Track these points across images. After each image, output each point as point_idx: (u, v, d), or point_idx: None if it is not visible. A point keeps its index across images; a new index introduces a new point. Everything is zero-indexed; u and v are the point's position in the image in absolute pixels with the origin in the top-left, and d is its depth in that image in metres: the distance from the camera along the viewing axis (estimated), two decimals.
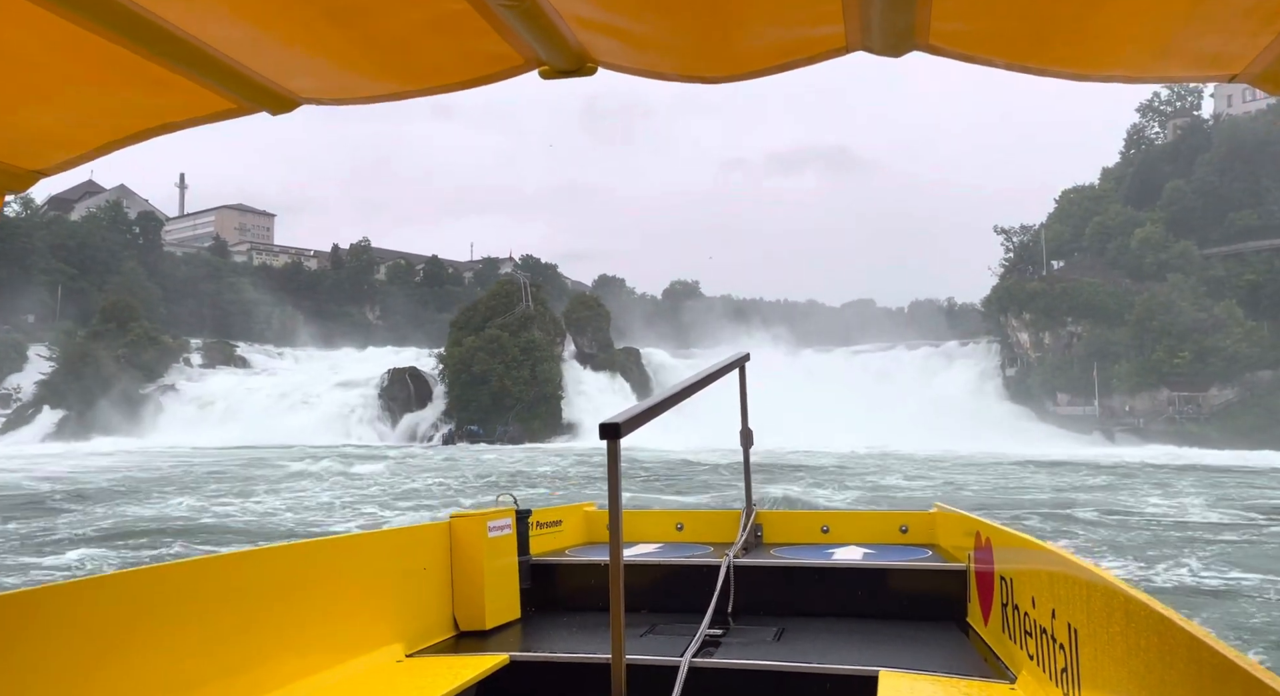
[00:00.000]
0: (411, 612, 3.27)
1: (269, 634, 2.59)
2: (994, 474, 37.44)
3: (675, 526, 4.79)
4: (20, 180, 1.75)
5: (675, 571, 3.92)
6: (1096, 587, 1.93)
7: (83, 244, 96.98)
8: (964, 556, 3.56)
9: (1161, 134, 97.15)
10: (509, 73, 1.59)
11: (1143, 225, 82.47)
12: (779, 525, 4.63)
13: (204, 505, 24.00)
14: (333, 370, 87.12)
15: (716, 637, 3.22)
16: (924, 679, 2.63)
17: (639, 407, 2.42)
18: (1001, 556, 3.00)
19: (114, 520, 20.31)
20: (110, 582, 2.21)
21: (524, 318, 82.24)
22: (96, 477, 33.46)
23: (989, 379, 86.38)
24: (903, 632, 3.27)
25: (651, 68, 1.63)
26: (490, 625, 3.51)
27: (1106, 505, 24.35)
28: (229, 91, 1.59)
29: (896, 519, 4.52)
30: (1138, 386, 75.27)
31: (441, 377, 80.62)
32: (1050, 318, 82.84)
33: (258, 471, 36.74)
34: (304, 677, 2.66)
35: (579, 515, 4.88)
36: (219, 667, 2.40)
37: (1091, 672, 1.96)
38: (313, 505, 24.21)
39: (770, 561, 3.90)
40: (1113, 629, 1.79)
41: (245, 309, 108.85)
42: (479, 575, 3.51)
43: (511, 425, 75.56)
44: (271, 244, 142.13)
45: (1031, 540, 2.68)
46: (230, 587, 2.50)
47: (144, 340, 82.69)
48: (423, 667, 2.97)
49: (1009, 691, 2.49)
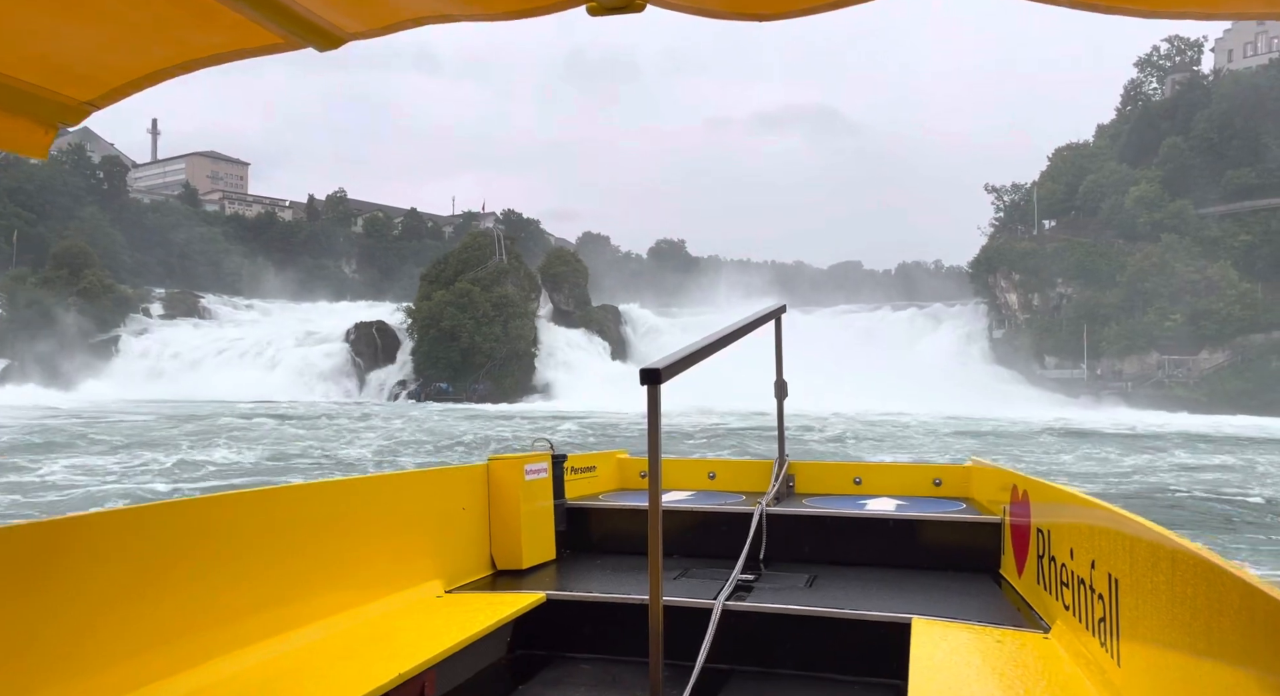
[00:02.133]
0: (450, 551, 3.35)
1: (314, 566, 2.65)
2: (977, 441, 35.52)
3: (708, 474, 4.82)
4: (72, 112, 1.75)
5: (708, 518, 3.96)
6: (1141, 539, 1.92)
7: (42, 187, 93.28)
8: (999, 510, 3.59)
9: (1160, 90, 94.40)
10: (558, 5, 1.54)
11: (1138, 184, 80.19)
12: (811, 476, 4.64)
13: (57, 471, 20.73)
14: (301, 323, 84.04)
15: (749, 582, 3.26)
16: (957, 627, 2.64)
17: (679, 354, 2.37)
18: (1039, 510, 3.00)
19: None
20: (157, 512, 2.22)
21: (498, 272, 79.16)
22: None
23: (976, 341, 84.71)
24: (936, 583, 3.30)
25: (701, 4, 1.56)
26: (527, 565, 3.59)
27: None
28: (276, 26, 1.56)
29: (930, 472, 4.55)
30: (1127, 349, 73.66)
31: (410, 333, 77.71)
32: (1040, 278, 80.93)
33: (174, 430, 34.16)
34: (347, 609, 2.74)
35: (612, 462, 4.93)
36: (265, 597, 2.47)
37: (1132, 622, 1.96)
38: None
39: (803, 510, 3.93)
40: (1157, 578, 1.78)
41: (214, 259, 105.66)
42: (516, 516, 3.58)
43: (482, 383, 73.12)
44: (245, 193, 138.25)
45: (1073, 493, 2.65)
46: (277, 520, 2.55)
47: (98, 288, 79.27)
48: (462, 603, 3.04)
49: (1043, 640, 2.50)
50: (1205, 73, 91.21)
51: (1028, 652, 2.41)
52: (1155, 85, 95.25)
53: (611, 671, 2.98)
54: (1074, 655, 2.33)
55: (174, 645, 2.20)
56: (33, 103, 1.68)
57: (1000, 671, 2.27)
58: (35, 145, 1.74)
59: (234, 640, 2.35)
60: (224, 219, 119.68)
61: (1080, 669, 2.24)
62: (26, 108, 1.68)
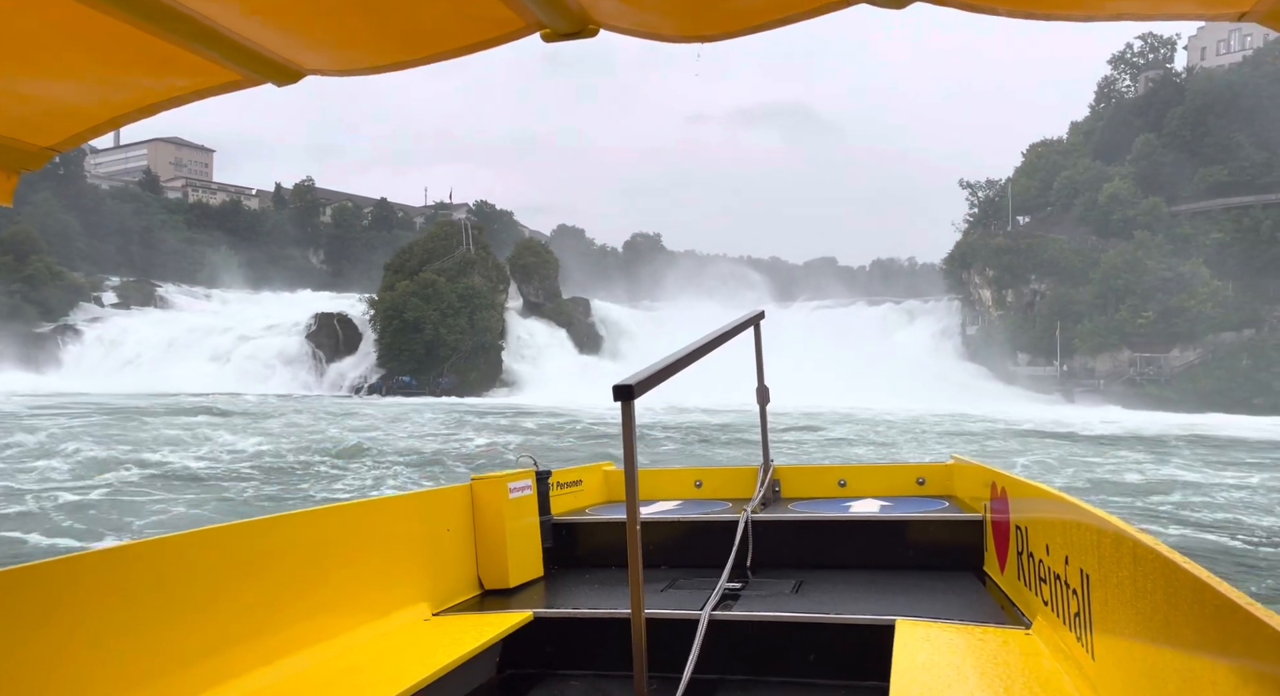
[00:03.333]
0: (437, 573, 3.34)
1: (299, 596, 2.64)
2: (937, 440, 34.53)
3: (694, 483, 4.82)
4: (33, 158, 1.78)
5: (694, 527, 3.97)
6: (1107, 533, 1.97)
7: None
8: (980, 507, 3.61)
9: (1133, 87, 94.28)
10: (511, 36, 1.58)
11: (1111, 180, 79.82)
12: (796, 480, 4.64)
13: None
14: (259, 314, 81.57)
15: (736, 591, 3.27)
16: (940, 626, 2.67)
17: (652, 368, 2.38)
18: (1017, 506, 3.03)
19: None
20: (138, 551, 2.23)
21: (464, 262, 77.27)
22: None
23: (949, 337, 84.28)
24: (920, 583, 3.31)
25: (652, 28, 1.60)
26: (514, 583, 3.58)
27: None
28: (234, 65, 1.60)
29: (913, 471, 4.57)
30: (1100, 347, 73.29)
31: (373, 325, 75.62)
32: (1013, 275, 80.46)
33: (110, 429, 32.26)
34: (335, 637, 2.72)
35: (598, 475, 4.92)
36: (250, 628, 2.45)
37: (1102, 616, 2.00)
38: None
39: (788, 516, 3.93)
40: (1122, 573, 1.83)
41: (175, 248, 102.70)
42: (501, 535, 3.57)
43: (447, 376, 71.32)
44: (209, 181, 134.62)
45: (1046, 489, 2.68)
46: (259, 552, 2.54)
47: (44, 275, 76.42)
48: (449, 625, 3.05)
49: (1024, 637, 2.53)
50: (1178, 70, 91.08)
51: (1009, 650, 2.44)
52: (1129, 82, 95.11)
53: (601, 687, 2.97)
54: (1053, 650, 2.35)
55: (159, 682, 2.18)
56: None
57: (981, 669, 2.28)
58: (0, 191, 1.75)
59: (222, 673, 2.34)
60: (186, 207, 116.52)
61: (1059, 663, 2.25)
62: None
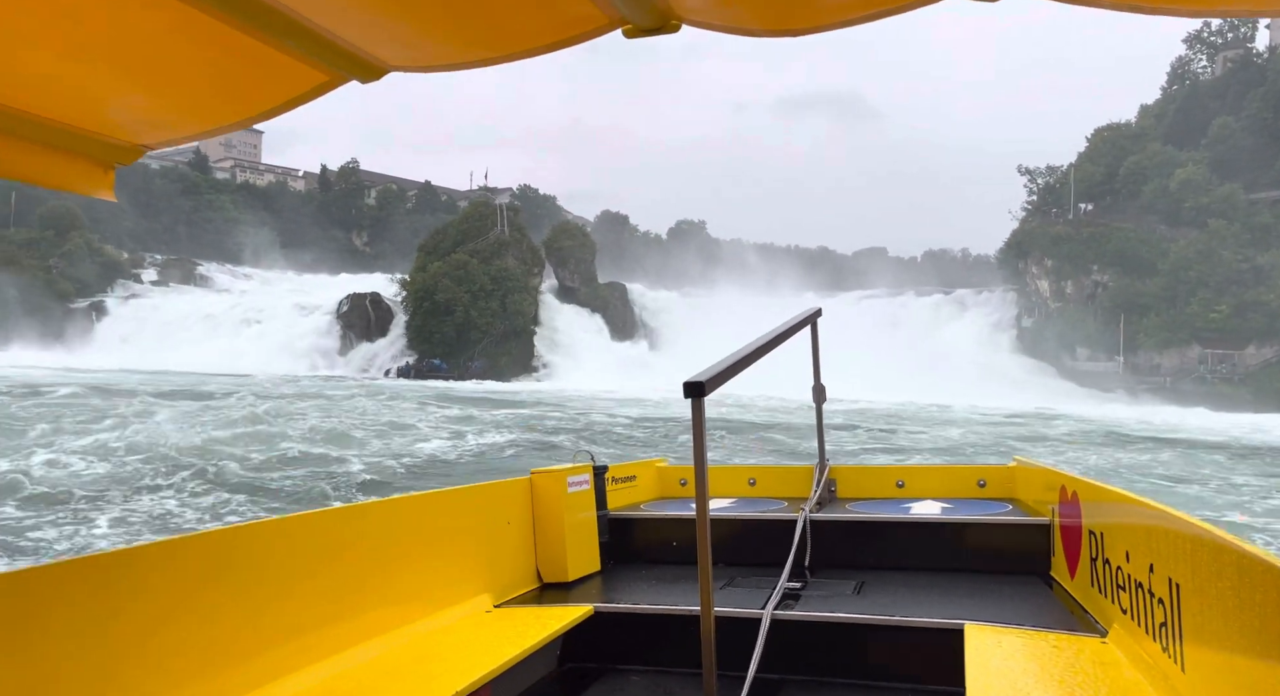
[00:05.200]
0: (497, 565, 3.39)
1: (366, 585, 2.69)
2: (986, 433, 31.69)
3: (748, 481, 4.82)
4: (127, 154, 1.83)
5: (750, 526, 3.95)
6: (1204, 542, 1.90)
7: None
8: (1046, 510, 3.57)
9: (1210, 68, 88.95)
10: (593, 33, 1.57)
11: (1184, 166, 75.09)
12: (853, 480, 4.61)
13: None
14: (294, 294, 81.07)
15: (796, 590, 3.25)
16: (1011, 632, 2.60)
17: (721, 365, 2.38)
18: (1091, 510, 2.96)
19: None
20: (217, 538, 2.30)
21: (498, 244, 75.55)
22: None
23: (1003, 330, 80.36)
24: (985, 587, 3.27)
25: (737, 22, 1.59)
26: (573, 577, 3.62)
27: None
28: (322, 63, 1.63)
29: (974, 473, 4.51)
30: (1167, 342, 68.94)
31: (405, 306, 74.41)
32: (1074, 265, 76.26)
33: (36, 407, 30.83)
34: (402, 626, 2.78)
35: (651, 470, 4.94)
36: (321, 616, 2.50)
37: (1196, 627, 1.94)
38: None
39: (846, 516, 3.91)
40: (1222, 584, 1.78)
41: (221, 227, 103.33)
42: (560, 529, 3.61)
43: (478, 360, 69.80)
44: (257, 162, 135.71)
45: (1127, 494, 2.61)
46: (329, 543, 2.60)
47: (82, 251, 76.76)
48: (511, 618, 3.07)
49: (1100, 644, 2.47)
50: (1260, 50, 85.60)
51: (1085, 657, 2.37)
52: (1205, 63, 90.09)
53: (662, 683, 2.96)
54: (1133, 659, 2.30)
55: (237, 665, 2.24)
56: (90, 145, 1.75)
57: (1059, 677, 2.22)
58: (96, 185, 1.81)
59: (294, 660, 2.39)
60: (234, 187, 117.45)
61: (1141, 674, 2.20)
62: (84, 150, 1.75)
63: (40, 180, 1.74)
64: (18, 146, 1.67)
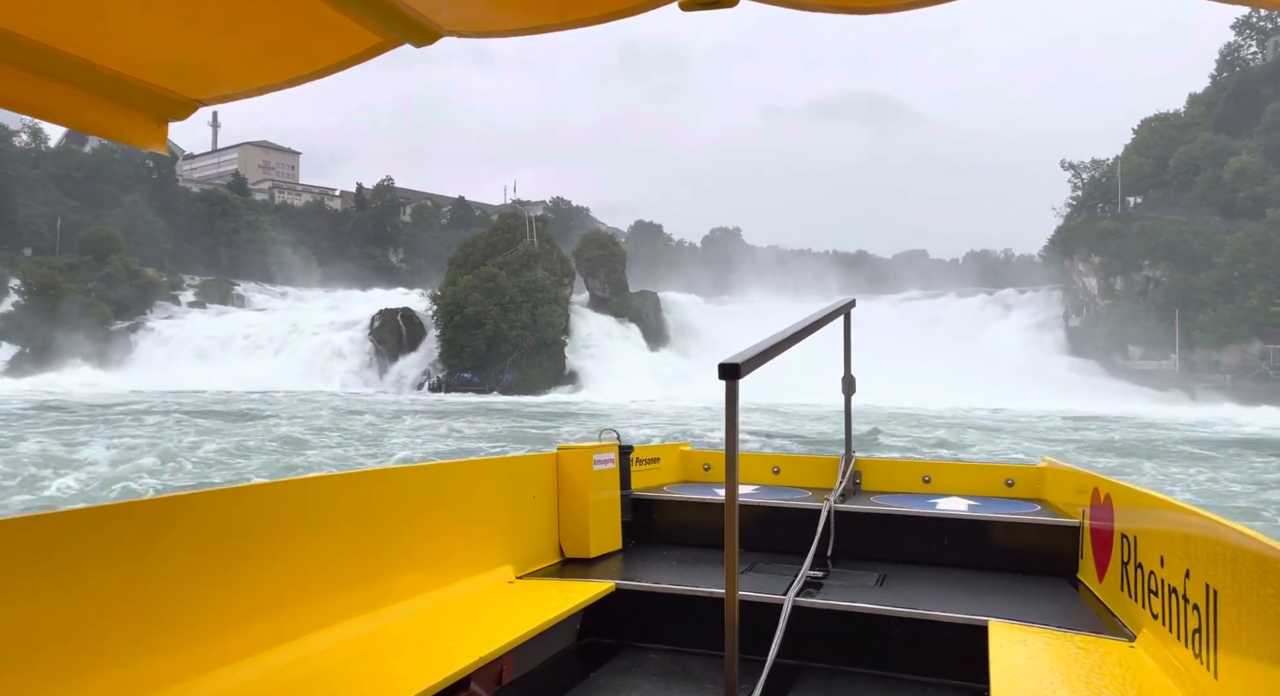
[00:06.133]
0: (521, 537, 3.40)
1: (395, 549, 2.72)
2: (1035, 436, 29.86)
3: (772, 469, 4.79)
4: (182, 108, 1.84)
5: (774, 513, 3.94)
6: (1245, 549, 1.87)
7: (90, 176, 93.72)
8: (1076, 512, 3.54)
9: (1260, 54, 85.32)
10: (652, 3, 1.55)
11: (1238, 155, 71.87)
12: (879, 473, 4.59)
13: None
14: (332, 310, 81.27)
15: (818, 579, 3.24)
16: (1036, 631, 2.59)
17: (757, 348, 2.39)
18: (1125, 515, 2.92)
19: None
20: (253, 492, 2.33)
21: (527, 255, 74.93)
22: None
23: (1049, 329, 77.52)
24: (1011, 586, 3.25)
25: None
26: (595, 554, 3.62)
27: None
28: (375, 23, 1.61)
29: (1002, 472, 4.47)
30: (1225, 338, 65.67)
31: (435, 320, 74.08)
32: (1123, 260, 73.26)
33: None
34: (427, 591, 2.81)
35: (675, 454, 4.94)
36: (352, 576, 2.54)
37: (1233, 634, 1.92)
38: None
39: (871, 508, 3.89)
40: (1265, 591, 1.75)
41: (260, 247, 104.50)
42: (584, 505, 3.62)
43: (509, 373, 69.12)
44: (295, 183, 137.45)
45: (1164, 498, 2.57)
46: (357, 505, 2.61)
47: (121, 274, 77.69)
48: (534, 589, 3.08)
49: (1128, 648, 2.45)
50: None
51: (1112, 660, 2.36)
52: (1255, 49, 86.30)
53: (681, 662, 2.99)
54: (1162, 664, 2.27)
55: (272, 619, 2.29)
56: (145, 97, 1.75)
57: (1085, 678, 2.21)
58: (149, 138, 1.81)
59: (325, 617, 2.44)
60: (272, 208, 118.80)
61: (1170, 679, 2.18)
62: (139, 102, 1.76)
63: (95, 129, 1.74)
64: (74, 94, 1.66)
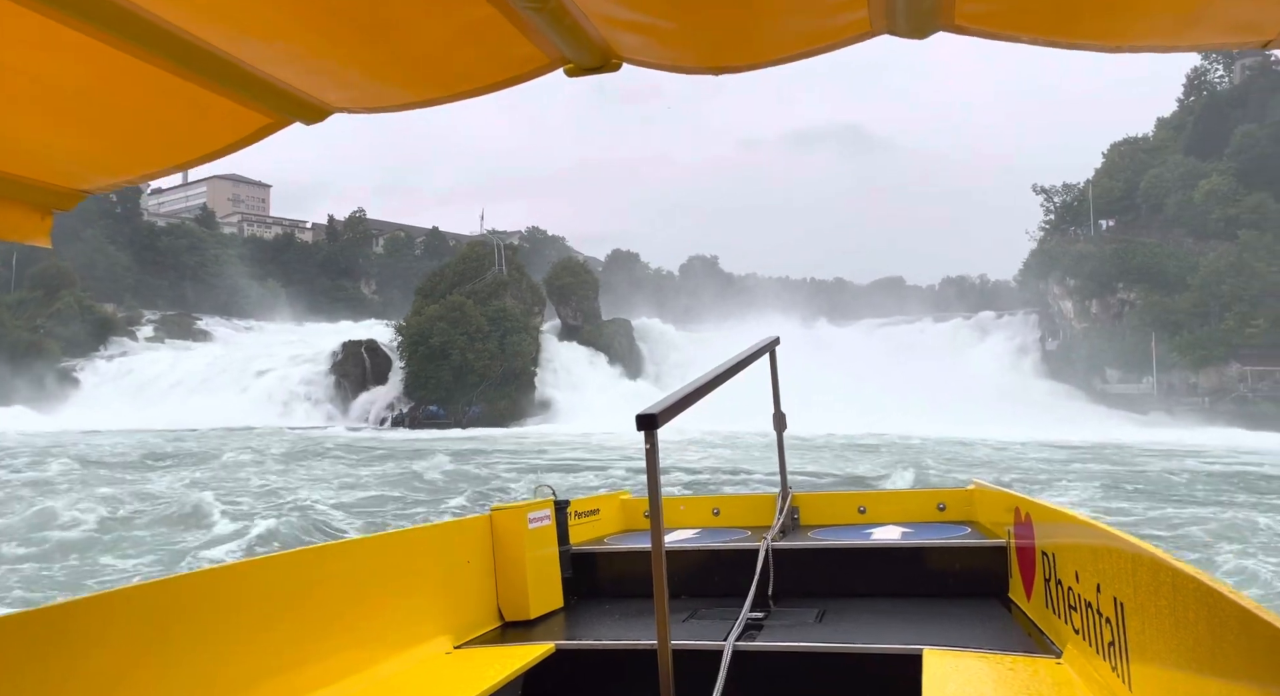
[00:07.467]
0: (457, 605, 3.32)
1: (321, 630, 2.62)
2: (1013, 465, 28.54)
3: (712, 511, 4.78)
4: (66, 198, 1.82)
5: (714, 556, 3.92)
6: (1143, 561, 1.93)
7: None
8: (1003, 532, 3.57)
9: (1227, 77, 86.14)
10: (535, 73, 1.62)
11: (1208, 177, 72.01)
12: (816, 507, 4.61)
13: None
14: (297, 344, 79.08)
15: (759, 621, 3.24)
16: (969, 656, 2.62)
17: (673, 397, 2.40)
18: (1043, 531, 2.99)
19: None
20: (159, 588, 2.22)
21: (496, 284, 73.34)
22: None
23: (1026, 353, 76.92)
24: (945, 610, 3.29)
25: (675, 61, 1.65)
26: (535, 615, 3.55)
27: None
28: (264, 106, 1.63)
29: (934, 497, 4.50)
30: (1202, 360, 65.05)
31: (400, 352, 72.23)
32: (1098, 283, 72.86)
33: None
34: (357, 672, 2.69)
35: (615, 503, 4.86)
36: (275, 664, 2.43)
37: (1140, 646, 1.97)
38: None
39: (808, 544, 3.90)
40: (1160, 602, 1.80)
41: (227, 282, 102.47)
42: (521, 566, 3.53)
43: (476, 405, 67.23)
44: (265, 215, 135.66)
45: (1073, 514, 2.65)
46: (277, 588, 2.51)
47: (73, 310, 75.30)
48: (471, 659, 3.03)
49: (1055, 665, 2.48)
50: (1278, 57, 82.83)
51: (1041, 679, 2.38)
52: (1221, 73, 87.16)
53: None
54: (1086, 679, 2.31)
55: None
56: (27, 191, 1.73)
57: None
58: (33, 230, 1.78)
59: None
60: (241, 241, 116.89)
61: (1094, 693, 2.22)
62: (21, 195, 1.74)
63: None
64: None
